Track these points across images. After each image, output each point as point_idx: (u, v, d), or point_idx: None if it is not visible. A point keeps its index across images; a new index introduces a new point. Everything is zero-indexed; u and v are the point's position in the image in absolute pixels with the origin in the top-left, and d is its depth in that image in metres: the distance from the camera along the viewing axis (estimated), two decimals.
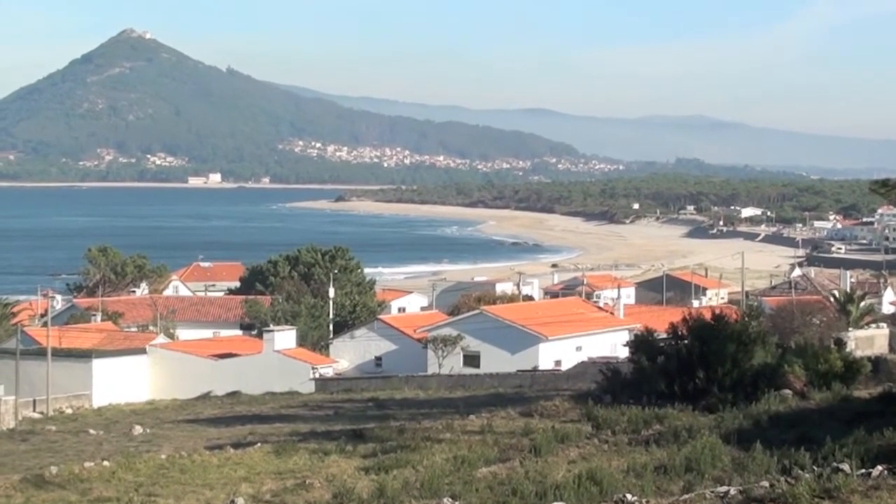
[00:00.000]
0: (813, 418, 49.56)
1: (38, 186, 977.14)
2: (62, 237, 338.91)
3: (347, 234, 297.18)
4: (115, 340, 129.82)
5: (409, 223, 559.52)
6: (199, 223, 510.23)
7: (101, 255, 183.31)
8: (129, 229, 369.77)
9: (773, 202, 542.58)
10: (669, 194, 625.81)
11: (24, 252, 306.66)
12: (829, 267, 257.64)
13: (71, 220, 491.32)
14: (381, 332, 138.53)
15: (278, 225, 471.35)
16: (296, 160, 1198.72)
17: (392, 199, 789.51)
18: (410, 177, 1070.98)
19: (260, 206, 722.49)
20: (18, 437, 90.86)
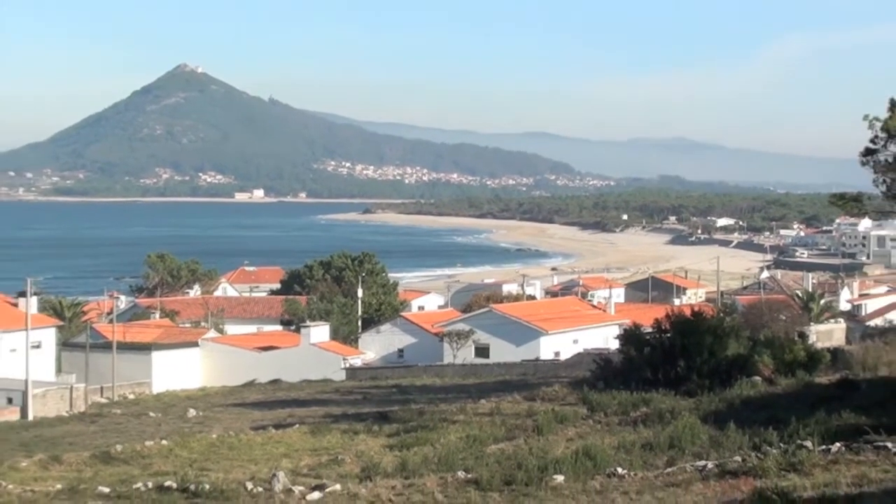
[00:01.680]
0: (780, 402, 49.41)
1: (105, 201, 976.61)
2: (125, 245, 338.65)
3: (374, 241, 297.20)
4: (172, 335, 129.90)
5: (427, 232, 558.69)
6: (244, 233, 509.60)
7: (159, 261, 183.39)
8: (184, 238, 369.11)
9: (745, 213, 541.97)
10: (654, 207, 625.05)
11: (93, 258, 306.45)
12: (794, 270, 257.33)
13: (133, 231, 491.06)
14: (403, 327, 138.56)
15: (313, 234, 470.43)
16: (328, 178, 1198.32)
17: (412, 212, 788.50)
18: (428, 192, 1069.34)
19: (297, 219, 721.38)
20: (88, 420, 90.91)
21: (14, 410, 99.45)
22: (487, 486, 33.03)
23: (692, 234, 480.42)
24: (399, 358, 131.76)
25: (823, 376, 57.97)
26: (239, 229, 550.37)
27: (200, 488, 37.03)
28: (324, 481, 37.53)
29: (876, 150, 72.16)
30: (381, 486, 35.13)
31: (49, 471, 50.07)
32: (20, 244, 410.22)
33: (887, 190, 73.92)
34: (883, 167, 72.42)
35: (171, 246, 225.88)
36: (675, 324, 68.62)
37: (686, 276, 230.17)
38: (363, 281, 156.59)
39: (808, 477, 28.44)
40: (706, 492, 28.85)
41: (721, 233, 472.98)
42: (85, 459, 54.05)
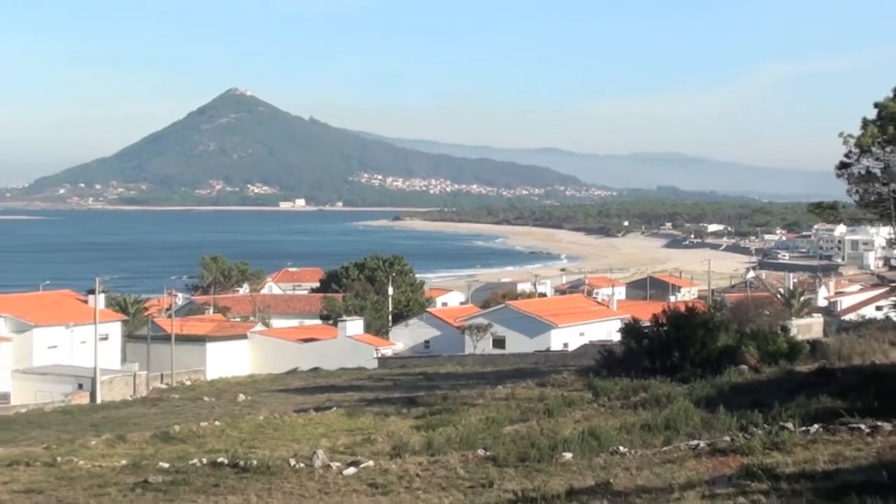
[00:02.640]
0: (764, 388, 49.29)
1: (164, 210, 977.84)
2: (182, 249, 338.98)
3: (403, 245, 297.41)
4: (224, 328, 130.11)
5: (450, 237, 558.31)
6: (287, 237, 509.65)
7: (212, 263, 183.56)
8: (234, 242, 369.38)
9: (732, 220, 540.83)
10: (652, 214, 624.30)
11: (154, 260, 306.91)
12: (776, 270, 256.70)
13: (189, 236, 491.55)
14: (429, 321, 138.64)
15: (349, 239, 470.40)
16: (362, 189, 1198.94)
17: (437, 219, 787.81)
18: (451, 201, 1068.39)
19: (335, 225, 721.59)
20: (150, 403, 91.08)
21: (84, 395, 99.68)
22: (504, 463, 33.12)
23: (686, 238, 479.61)
24: (425, 348, 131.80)
25: (803, 365, 57.85)
26: (283, 234, 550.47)
27: (249, 464, 37.14)
28: (358, 458, 37.60)
29: (850, 164, 72.05)
30: (410, 463, 35.20)
31: (115, 448, 50.25)
32: (90, 248, 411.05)
33: (860, 199, 73.81)
34: (856, 179, 72.32)
35: (222, 249, 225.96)
36: (671, 318, 68.68)
37: (680, 276, 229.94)
38: (393, 280, 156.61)
39: (790, 455, 28.43)
40: (699, 468, 28.83)
41: (711, 237, 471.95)
42: (147, 438, 54.26)
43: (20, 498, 36.50)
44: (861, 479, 22.99)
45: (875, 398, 38.99)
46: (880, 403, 36.95)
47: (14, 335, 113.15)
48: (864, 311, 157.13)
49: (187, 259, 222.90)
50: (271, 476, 35.36)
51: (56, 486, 38.14)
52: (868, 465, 25.71)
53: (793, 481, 24.49)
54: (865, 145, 70.75)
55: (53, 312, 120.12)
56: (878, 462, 26.00)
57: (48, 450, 48.89)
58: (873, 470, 24.38)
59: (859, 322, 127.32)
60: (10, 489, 38.26)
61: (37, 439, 60.85)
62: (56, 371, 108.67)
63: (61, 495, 36.13)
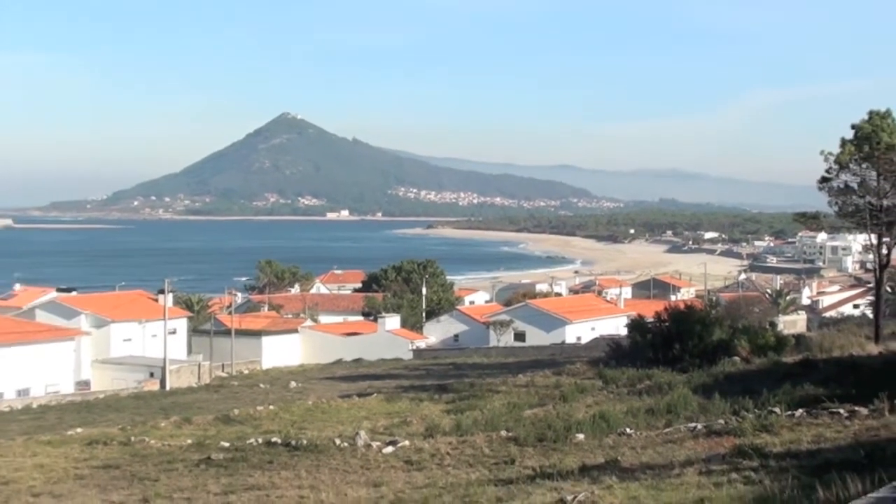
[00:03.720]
0: (754, 377, 49.17)
1: (225, 220, 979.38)
2: (241, 254, 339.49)
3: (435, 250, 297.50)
4: (277, 324, 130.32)
5: (477, 243, 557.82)
6: (333, 244, 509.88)
7: (267, 266, 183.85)
8: (286, 248, 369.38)
9: (726, 228, 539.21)
10: (654, 223, 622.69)
11: (216, 264, 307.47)
12: (765, 273, 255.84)
13: (247, 243, 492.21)
14: (458, 318, 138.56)
15: (388, 245, 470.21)
16: (399, 201, 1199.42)
17: (465, 227, 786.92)
18: (477, 212, 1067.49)
19: (375, 233, 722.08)
20: (212, 390, 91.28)
21: (155, 382, 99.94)
22: (524, 442, 33.14)
23: (685, 244, 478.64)
24: (454, 342, 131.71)
25: (789, 357, 57.69)
26: (329, 241, 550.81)
27: (299, 443, 37.21)
28: (396, 438, 37.64)
29: (830, 179, 71.94)
30: (441, 442, 35.23)
31: (182, 429, 50.37)
32: (160, 253, 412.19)
33: (839, 210, 73.76)
34: (835, 192, 72.22)
35: (276, 254, 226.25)
36: (672, 315, 68.69)
37: (680, 278, 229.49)
38: (427, 281, 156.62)
39: (777, 436, 28.38)
40: (696, 447, 28.80)
41: (707, 244, 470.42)
42: (210, 421, 54.40)
43: (99, 472, 36.65)
44: (841, 457, 22.92)
45: (853, 386, 38.89)
46: (857, 391, 36.83)
47: (94, 329, 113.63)
48: (843, 308, 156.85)
49: (245, 263, 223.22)
50: (319, 454, 35.43)
51: (130, 462, 38.29)
52: (847, 445, 25.65)
53: (780, 459, 24.45)
54: (844, 162, 70.73)
55: (128, 310, 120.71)
56: (855, 442, 25.93)
57: (123, 430, 49.05)
58: (851, 449, 24.32)
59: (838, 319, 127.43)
60: (90, 465, 38.46)
61: (113, 421, 61.08)
62: (130, 361, 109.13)
63: (135, 470, 36.27)
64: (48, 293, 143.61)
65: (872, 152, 69.17)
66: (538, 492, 24.33)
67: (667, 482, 23.12)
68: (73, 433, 50.05)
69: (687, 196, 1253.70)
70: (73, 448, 43.62)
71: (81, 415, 70.96)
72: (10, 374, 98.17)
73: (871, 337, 66.68)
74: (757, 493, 19.59)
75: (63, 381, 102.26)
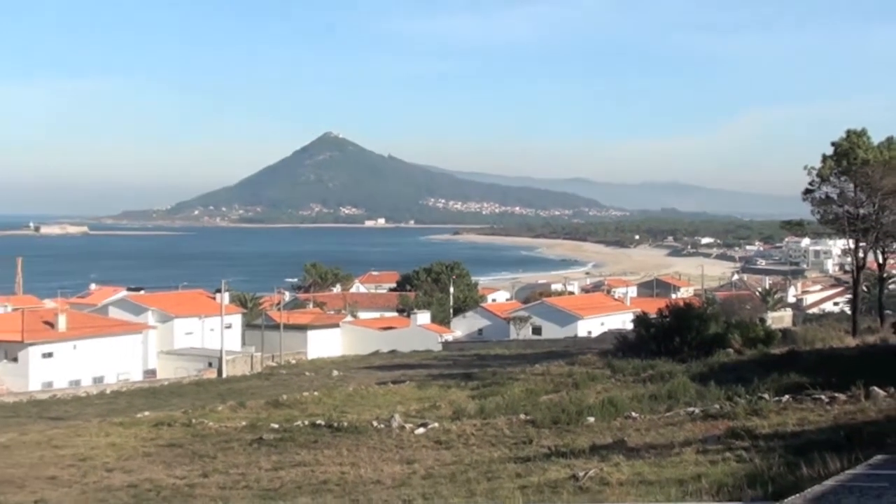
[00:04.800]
0: (746, 366, 49.09)
1: (274, 227, 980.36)
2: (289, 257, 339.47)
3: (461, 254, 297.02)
4: (321, 319, 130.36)
5: (498, 248, 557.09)
6: (371, 248, 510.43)
7: (312, 268, 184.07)
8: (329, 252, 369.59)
9: (721, 234, 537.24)
10: (657, 230, 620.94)
11: (267, 266, 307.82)
12: (756, 274, 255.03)
13: (294, 247, 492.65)
14: (481, 314, 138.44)
15: (419, 249, 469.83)
16: (429, 210, 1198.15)
17: (488, 233, 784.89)
18: (499, 220, 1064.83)
19: (408, 238, 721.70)
20: (263, 377, 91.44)
21: (213, 371, 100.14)
22: (540, 425, 33.26)
23: (684, 248, 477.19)
24: (478, 335, 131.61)
25: (776, 349, 57.64)
26: (367, 246, 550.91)
27: (341, 425, 37.37)
28: (426, 420, 37.72)
29: (813, 190, 72.08)
30: (466, 424, 35.37)
31: (237, 413, 50.53)
32: (217, 256, 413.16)
33: (821, 218, 74.01)
34: (817, 202, 72.34)
35: (320, 257, 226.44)
36: (672, 312, 68.68)
37: (680, 278, 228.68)
38: (453, 281, 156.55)
39: (766, 419, 28.45)
40: (694, 429, 28.86)
41: (704, 248, 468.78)
42: (261, 405, 54.56)
43: (164, 450, 36.94)
44: (822, 438, 22.92)
45: (833, 375, 38.76)
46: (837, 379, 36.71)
47: (159, 324, 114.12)
48: (825, 306, 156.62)
49: (293, 265, 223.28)
50: (358, 434, 35.59)
51: (191, 441, 38.54)
52: (828, 427, 25.68)
53: (768, 440, 24.49)
54: (825, 175, 70.94)
55: (189, 307, 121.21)
56: (835, 425, 25.95)
57: (185, 414, 49.30)
58: (832, 431, 24.36)
59: (820, 315, 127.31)
60: (156, 444, 38.77)
61: (176, 406, 61.27)
62: (191, 352, 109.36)
63: (195, 448, 36.52)
64: (119, 292, 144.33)
65: (850, 167, 69.45)
66: (553, 468, 24.41)
67: (668, 460, 23.17)
68: (142, 416, 50.43)
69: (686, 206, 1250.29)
70: (141, 429, 43.99)
71: (148, 400, 71.22)
72: (86, 364, 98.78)
73: (850, 331, 66.79)
74: (748, 469, 19.62)
75: (133, 370, 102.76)
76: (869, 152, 69.20)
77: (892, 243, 72.69)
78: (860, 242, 72.15)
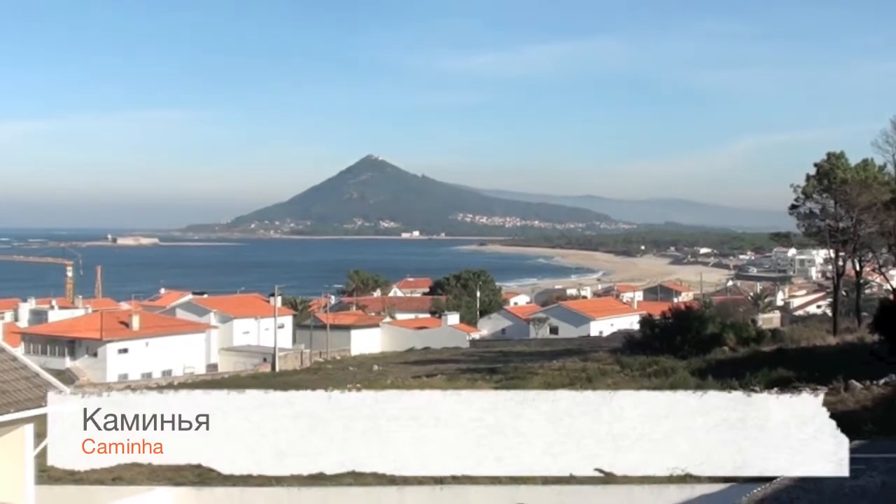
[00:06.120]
0: (739, 362, 49.00)
1: (322, 239, 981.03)
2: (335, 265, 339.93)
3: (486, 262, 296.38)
4: (363, 320, 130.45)
5: (519, 257, 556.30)
6: (407, 257, 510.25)
7: (355, 274, 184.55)
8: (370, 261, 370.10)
9: (717, 245, 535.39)
10: (661, 241, 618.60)
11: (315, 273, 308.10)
12: (748, 280, 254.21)
13: (339, 256, 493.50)
14: (505, 315, 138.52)
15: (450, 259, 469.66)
16: (459, 224, 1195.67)
17: (510, 244, 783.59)
18: (520, 232, 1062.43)
19: (440, 249, 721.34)
20: (311, 371, 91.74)
21: (267, 366, 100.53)
22: None
23: (685, 258, 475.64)
24: (502, 334, 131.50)
25: (766, 346, 57.48)
26: (404, 255, 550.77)
27: None
28: None
29: (798, 206, 72.04)
30: None
31: None
32: (271, 265, 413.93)
33: (805, 231, 74.05)
34: (802, 216, 72.36)
35: (362, 265, 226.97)
36: (674, 314, 68.81)
37: (681, 284, 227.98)
38: (480, 287, 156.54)
39: None
40: None
41: (703, 257, 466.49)
42: None
43: None
44: None
45: (816, 369, 38.71)
46: (819, 373, 36.66)
47: (220, 324, 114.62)
48: (809, 308, 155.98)
49: (338, 272, 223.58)
50: None
51: None
52: None
53: None
54: (808, 193, 70.95)
55: (247, 309, 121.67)
56: None
57: None
58: None
59: (805, 317, 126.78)
60: None
61: None
62: (248, 349, 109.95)
63: None
64: (186, 296, 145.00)
65: (830, 185, 69.57)
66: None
67: None
68: None
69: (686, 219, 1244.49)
70: None
71: None
72: (156, 359, 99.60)
73: (831, 331, 66.48)
74: None
75: (197, 365, 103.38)
76: (847, 172, 69.24)
77: (868, 253, 72.59)
78: (840, 252, 72.07)
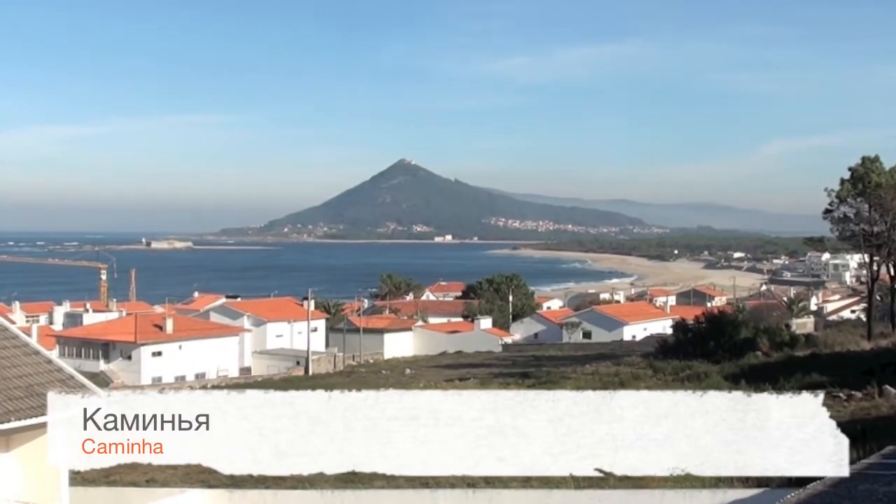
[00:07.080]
0: (773, 367, 48.79)
1: (355, 243, 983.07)
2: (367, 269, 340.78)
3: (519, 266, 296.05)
4: (396, 323, 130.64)
5: (552, 261, 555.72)
6: (439, 261, 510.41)
7: (388, 278, 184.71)
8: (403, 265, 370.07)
9: (751, 249, 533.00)
10: (694, 245, 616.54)
11: (348, 277, 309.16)
12: (782, 285, 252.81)
13: (372, 260, 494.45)
14: (537, 319, 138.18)
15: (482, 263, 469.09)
16: (491, 228, 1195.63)
17: (543, 249, 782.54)
18: (553, 236, 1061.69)
19: (472, 253, 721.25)
20: (344, 375, 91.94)
21: (300, 369, 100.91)
22: None
23: (718, 262, 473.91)
24: (534, 339, 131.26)
25: (800, 351, 57.19)
26: (436, 259, 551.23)
27: None
28: None
29: (832, 210, 71.62)
30: None
31: None
32: (304, 268, 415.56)
33: (839, 235, 73.63)
34: (836, 221, 71.94)
35: (395, 269, 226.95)
36: (708, 318, 68.66)
37: (714, 289, 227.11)
38: (512, 291, 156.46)
39: None
40: None
41: (736, 262, 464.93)
42: None
43: None
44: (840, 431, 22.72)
45: (850, 375, 38.45)
46: (853, 378, 36.42)
47: (254, 328, 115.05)
48: (843, 313, 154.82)
49: (371, 276, 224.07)
50: None
51: None
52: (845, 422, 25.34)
53: None
54: (843, 197, 70.47)
55: (280, 312, 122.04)
56: (851, 419, 25.70)
57: None
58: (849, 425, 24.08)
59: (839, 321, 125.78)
60: None
61: None
62: (281, 353, 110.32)
63: None
64: (219, 299, 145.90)
65: (865, 189, 69.12)
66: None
67: None
68: None
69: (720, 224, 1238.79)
70: None
71: None
72: (190, 361, 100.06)
73: (865, 336, 66.05)
74: None
75: (230, 367, 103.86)
76: (882, 176, 68.82)
77: None
78: (874, 257, 71.66)
